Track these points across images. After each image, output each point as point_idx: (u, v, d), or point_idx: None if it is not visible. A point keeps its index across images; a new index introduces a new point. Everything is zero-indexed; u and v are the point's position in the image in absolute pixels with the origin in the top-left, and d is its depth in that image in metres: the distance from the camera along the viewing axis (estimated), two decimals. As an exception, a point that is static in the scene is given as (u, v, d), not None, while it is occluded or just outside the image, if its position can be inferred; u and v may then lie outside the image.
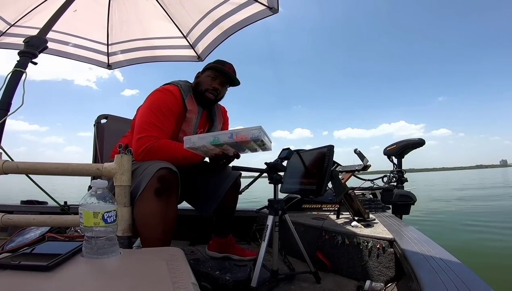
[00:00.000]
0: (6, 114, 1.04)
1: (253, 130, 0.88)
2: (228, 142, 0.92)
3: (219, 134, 0.93)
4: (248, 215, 1.76)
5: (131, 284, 0.47)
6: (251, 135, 0.88)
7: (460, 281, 0.67)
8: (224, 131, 0.96)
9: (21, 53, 1.14)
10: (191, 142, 0.95)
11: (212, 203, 1.28)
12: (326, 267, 1.23)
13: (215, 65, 1.25)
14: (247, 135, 0.88)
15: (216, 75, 1.25)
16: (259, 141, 0.89)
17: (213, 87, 1.23)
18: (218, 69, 1.25)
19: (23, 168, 0.87)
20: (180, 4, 1.89)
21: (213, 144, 0.93)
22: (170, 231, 0.96)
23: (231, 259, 1.39)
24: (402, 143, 1.94)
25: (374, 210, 1.71)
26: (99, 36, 2.11)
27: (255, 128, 0.88)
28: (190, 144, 0.95)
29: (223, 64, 1.26)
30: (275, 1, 1.61)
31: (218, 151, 1.00)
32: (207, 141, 0.93)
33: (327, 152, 1.17)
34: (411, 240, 1.03)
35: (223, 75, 1.26)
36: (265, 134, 0.91)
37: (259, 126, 0.88)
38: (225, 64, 1.26)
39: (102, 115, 1.64)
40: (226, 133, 0.92)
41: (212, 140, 0.92)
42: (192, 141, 0.95)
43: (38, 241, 1.02)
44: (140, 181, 0.92)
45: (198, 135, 0.96)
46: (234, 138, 0.90)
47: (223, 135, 0.92)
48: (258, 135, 0.87)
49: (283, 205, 1.08)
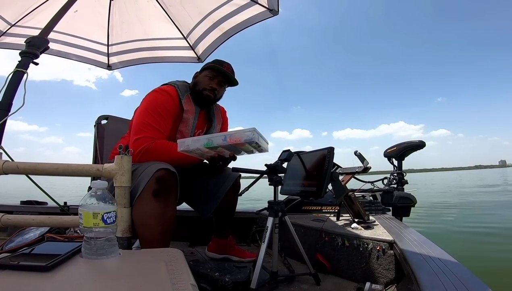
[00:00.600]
0: (7, 115, 1.04)
1: (247, 133, 0.87)
2: (222, 145, 0.91)
3: (213, 137, 0.92)
4: (248, 216, 1.76)
5: (130, 285, 0.47)
6: (245, 138, 0.87)
7: (460, 283, 0.67)
8: (218, 134, 0.95)
9: (22, 54, 1.14)
10: (185, 145, 0.94)
11: (211, 204, 1.28)
12: (326, 269, 1.23)
13: (213, 65, 1.25)
14: (241, 137, 0.87)
15: (214, 75, 1.25)
16: (254, 143, 0.88)
17: (211, 87, 1.23)
18: (216, 69, 1.24)
19: (23, 168, 0.87)
20: (180, 5, 1.89)
21: (207, 147, 0.92)
22: (169, 231, 0.96)
23: (230, 260, 1.38)
24: (403, 145, 1.94)
25: (374, 212, 1.70)
26: (100, 36, 2.11)
27: (249, 130, 0.87)
28: (184, 148, 0.94)
29: (221, 63, 1.26)
30: (275, 3, 1.62)
31: (213, 153, 1.00)
32: (201, 144, 0.92)
33: (327, 153, 1.17)
34: (411, 242, 1.03)
35: (221, 75, 1.25)
36: (260, 136, 0.89)
37: (253, 128, 0.86)
38: (223, 64, 1.26)
39: (102, 116, 1.64)
40: (220, 136, 0.91)
41: (206, 143, 0.91)
42: (186, 144, 0.94)
43: (37, 241, 1.02)
44: (139, 182, 0.92)
45: (192, 138, 0.95)
46: (228, 141, 0.89)
47: (217, 138, 0.91)
48: (252, 138, 0.86)
49: (283, 206, 1.07)
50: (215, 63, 1.26)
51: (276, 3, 1.61)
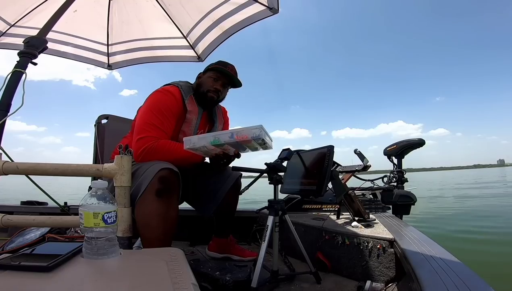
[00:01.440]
0: (6, 115, 1.04)
1: (254, 130, 0.88)
2: (228, 142, 0.92)
3: (220, 135, 0.92)
4: (248, 215, 1.76)
5: (131, 284, 0.47)
6: (252, 135, 0.88)
7: (461, 281, 0.67)
8: (225, 131, 0.96)
9: (21, 54, 1.14)
10: (191, 143, 0.95)
11: (212, 203, 1.28)
12: (326, 268, 1.23)
13: (217, 67, 1.25)
14: (248, 134, 0.88)
15: (218, 77, 1.25)
16: (260, 140, 0.89)
17: (215, 89, 1.23)
18: (220, 71, 1.25)
19: (23, 169, 0.87)
20: (180, 4, 1.89)
21: (214, 144, 0.93)
22: (171, 231, 0.96)
23: (231, 259, 1.39)
24: (402, 143, 1.94)
25: (374, 210, 1.70)
26: (99, 36, 2.11)
27: (256, 127, 0.88)
28: (190, 145, 0.95)
29: (225, 65, 1.26)
30: (275, 1, 1.61)
31: (218, 150, 1.00)
32: (207, 142, 0.93)
33: (327, 152, 1.17)
34: (411, 240, 1.03)
35: (225, 76, 1.26)
36: (266, 133, 0.90)
37: (260, 125, 0.88)
38: (227, 66, 1.26)
39: (102, 116, 1.63)
40: (227, 133, 0.92)
41: (213, 141, 0.92)
42: (192, 142, 0.95)
43: (38, 241, 1.02)
44: (141, 181, 0.92)
45: (198, 136, 0.95)
46: (234, 138, 0.90)
47: (224, 135, 0.92)
48: (259, 135, 0.87)
49: (283, 205, 1.07)
50: (219, 65, 1.26)
51: (276, 1, 1.60)
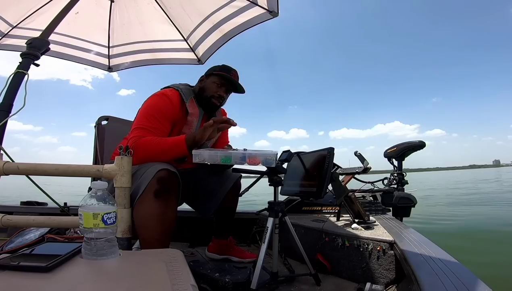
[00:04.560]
0: (8, 116, 1.05)
1: (268, 158, 0.88)
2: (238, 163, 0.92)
3: (231, 154, 0.93)
4: (248, 217, 1.76)
5: (130, 285, 0.47)
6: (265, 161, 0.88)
7: (461, 283, 0.66)
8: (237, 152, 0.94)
9: (23, 55, 1.15)
10: (202, 158, 0.94)
11: (212, 204, 1.28)
12: (326, 269, 1.23)
13: (221, 73, 1.25)
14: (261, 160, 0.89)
15: (222, 83, 1.25)
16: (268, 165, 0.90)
17: (219, 95, 1.24)
18: (225, 77, 1.25)
19: (24, 169, 0.87)
20: (181, 7, 1.90)
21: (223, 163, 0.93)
22: (169, 232, 0.96)
23: (231, 261, 1.38)
24: (403, 145, 1.94)
25: (375, 212, 1.70)
26: (100, 38, 2.12)
27: (270, 155, 0.88)
28: (200, 160, 0.94)
29: (229, 71, 1.26)
30: (275, 4, 1.62)
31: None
32: (218, 161, 0.93)
33: (327, 154, 1.17)
34: (411, 242, 1.03)
35: (229, 82, 1.26)
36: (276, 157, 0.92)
37: (275, 153, 0.88)
38: (230, 71, 1.26)
39: (103, 117, 1.64)
40: (238, 154, 0.92)
41: (223, 159, 0.92)
42: (202, 158, 0.94)
43: (37, 242, 1.02)
44: (140, 182, 0.92)
45: (209, 153, 0.95)
46: (247, 161, 0.90)
47: (235, 156, 0.92)
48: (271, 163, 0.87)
49: (283, 207, 1.07)
50: (223, 70, 1.26)
51: (276, 5, 1.61)
